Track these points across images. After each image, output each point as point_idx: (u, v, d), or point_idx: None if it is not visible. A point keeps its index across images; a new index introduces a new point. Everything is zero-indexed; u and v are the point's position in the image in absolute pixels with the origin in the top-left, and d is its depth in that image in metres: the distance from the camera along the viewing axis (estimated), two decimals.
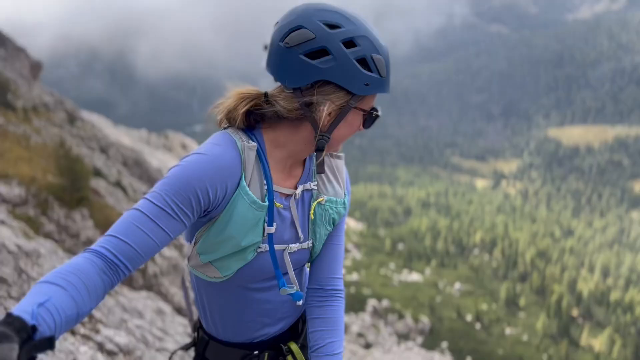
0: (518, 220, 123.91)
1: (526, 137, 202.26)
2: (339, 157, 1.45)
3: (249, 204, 1.22)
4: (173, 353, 1.58)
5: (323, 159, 1.27)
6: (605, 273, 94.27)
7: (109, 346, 3.13)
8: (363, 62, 1.17)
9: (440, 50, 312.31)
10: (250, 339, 1.44)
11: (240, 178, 1.21)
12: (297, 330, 1.53)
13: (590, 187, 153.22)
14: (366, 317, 63.86)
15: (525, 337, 69.00)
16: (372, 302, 66.24)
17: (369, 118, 1.29)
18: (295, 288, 1.36)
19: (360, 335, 60.25)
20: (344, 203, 1.43)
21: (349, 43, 1.15)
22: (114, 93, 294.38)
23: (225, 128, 1.29)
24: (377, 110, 1.28)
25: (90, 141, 23.09)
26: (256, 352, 1.45)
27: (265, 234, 1.27)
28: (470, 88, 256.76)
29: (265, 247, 1.29)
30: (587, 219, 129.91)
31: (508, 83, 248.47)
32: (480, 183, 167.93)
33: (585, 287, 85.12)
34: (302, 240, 1.37)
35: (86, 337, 3.09)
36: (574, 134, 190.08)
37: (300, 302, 1.39)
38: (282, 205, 1.31)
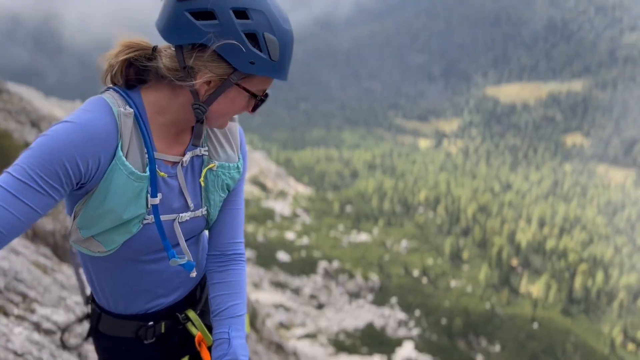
0: (460, 178, 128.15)
1: (466, 96, 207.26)
2: (232, 120, 1.35)
3: (127, 175, 1.13)
4: (65, 328, 1.52)
5: (201, 131, 1.18)
6: (541, 223, 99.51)
7: (46, 325, 2.99)
8: (253, 37, 1.08)
9: (381, 11, 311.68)
10: (144, 310, 1.37)
11: (117, 148, 1.11)
12: (194, 298, 1.47)
13: (526, 142, 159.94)
14: (318, 278, 65.03)
15: (469, 289, 72.38)
16: (322, 264, 67.38)
17: (258, 102, 1.19)
18: (186, 258, 1.29)
19: (312, 296, 61.38)
20: (237, 168, 1.36)
21: (241, 13, 1.06)
22: (40, 62, 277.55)
23: (102, 92, 1.18)
24: (264, 97, 1.18)
25: (19, 115, 21.74)
26: (151, 323, 1.38)
27: (150, 205, 1.20)
28: (411, 49, 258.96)
29: (151, 218, 1.22)
30: (524, 173, 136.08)
31: (447, 43, 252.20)
32: (423, 143, 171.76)
33: (524, 237, 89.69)
34: (193, 208, 1.30)
35: (20, 318, 2.94)
36: (510, 92, 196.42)
37: (194, 273, 1.33)
38: (167, 174, 1.23)
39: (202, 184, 1.29)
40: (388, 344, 51.82)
